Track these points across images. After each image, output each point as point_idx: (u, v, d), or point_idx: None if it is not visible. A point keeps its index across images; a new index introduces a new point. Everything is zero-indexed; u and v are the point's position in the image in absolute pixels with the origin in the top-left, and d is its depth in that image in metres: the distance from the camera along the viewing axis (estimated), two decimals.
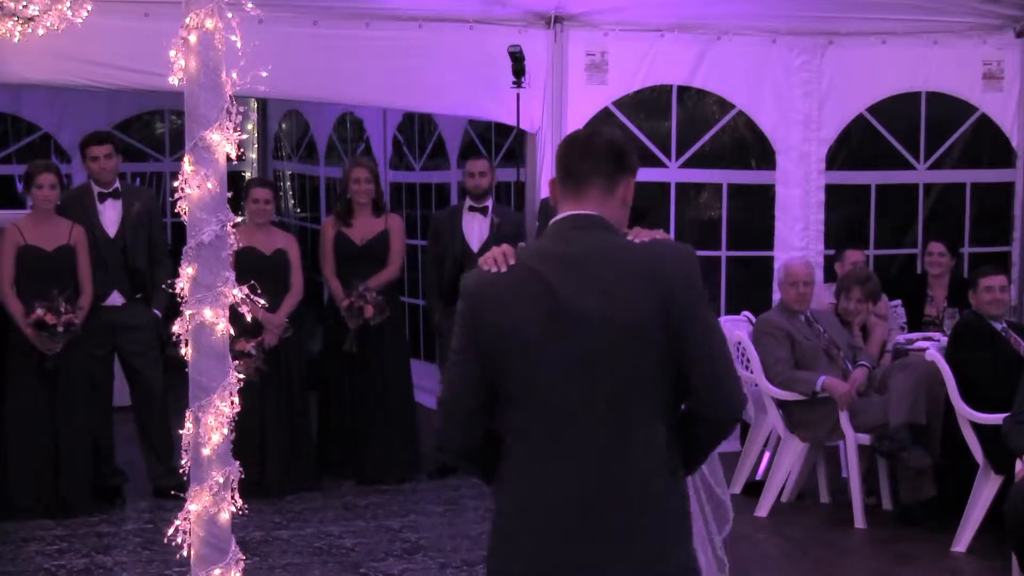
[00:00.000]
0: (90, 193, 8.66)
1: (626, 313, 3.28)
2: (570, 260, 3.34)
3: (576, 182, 3.44)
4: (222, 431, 4.25)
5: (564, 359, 3.29)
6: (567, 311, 3.28)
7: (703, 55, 9.78)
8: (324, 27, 8.98)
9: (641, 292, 3.30)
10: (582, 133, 3.55)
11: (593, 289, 3.29)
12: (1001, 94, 10.10)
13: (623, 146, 3.50)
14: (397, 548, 7.68)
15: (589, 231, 3.39)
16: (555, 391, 3.30)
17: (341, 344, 8.97)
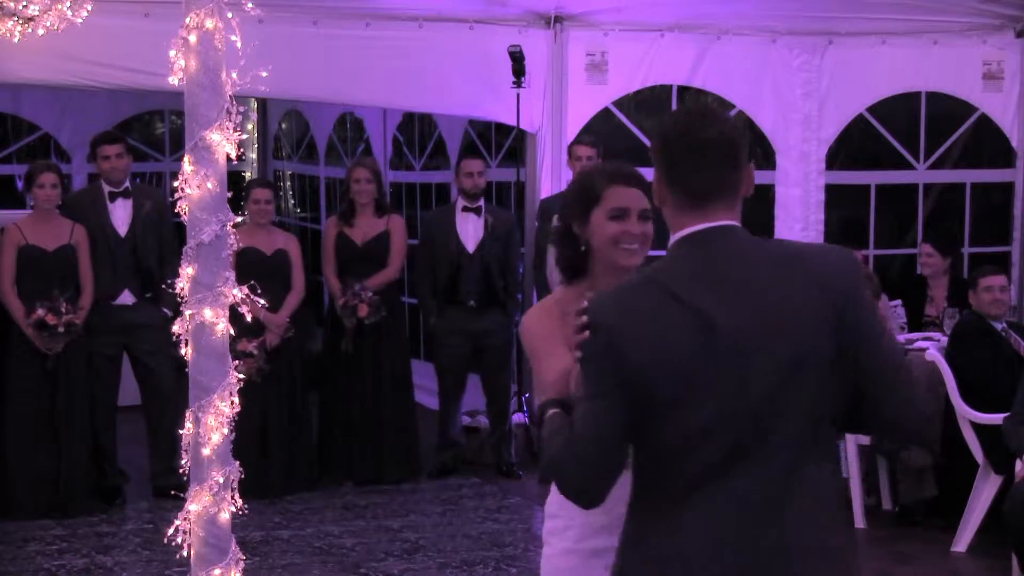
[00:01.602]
0: (100, 192, 8.67)
1: (795, 335, 2.91)
2: (719, 281, 2.92)
3: (698, 197, 3.00)
4: (222, 431, 4.25)
5: (730, 394, 2.88)
6: (728, 340, 2.87)
7: (703, 55, 9.78)
8: (324, 27, 8.98)
9: (809, 308, 2.92)
10: (688, 135, 3.02)
11: (753, 312, 2.90)
12: (1001, 94, 10.10)
13: (735, 138, 3.07)
14: (397, 548, 7.68)
15: (730, 244, 2.99)
16: (722, 431, 2.89)
17: (339, 345, 8.97)
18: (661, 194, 3.06)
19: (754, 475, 2.90)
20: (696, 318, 2.88)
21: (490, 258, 9.22)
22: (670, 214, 3.04)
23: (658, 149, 3.05)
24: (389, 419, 9.08)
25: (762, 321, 2.89)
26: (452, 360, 9.36)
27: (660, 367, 2.87)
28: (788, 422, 2.91)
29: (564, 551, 3.73)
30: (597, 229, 3.67)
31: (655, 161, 3.06)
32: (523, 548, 7.69)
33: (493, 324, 9.22)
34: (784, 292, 2.93)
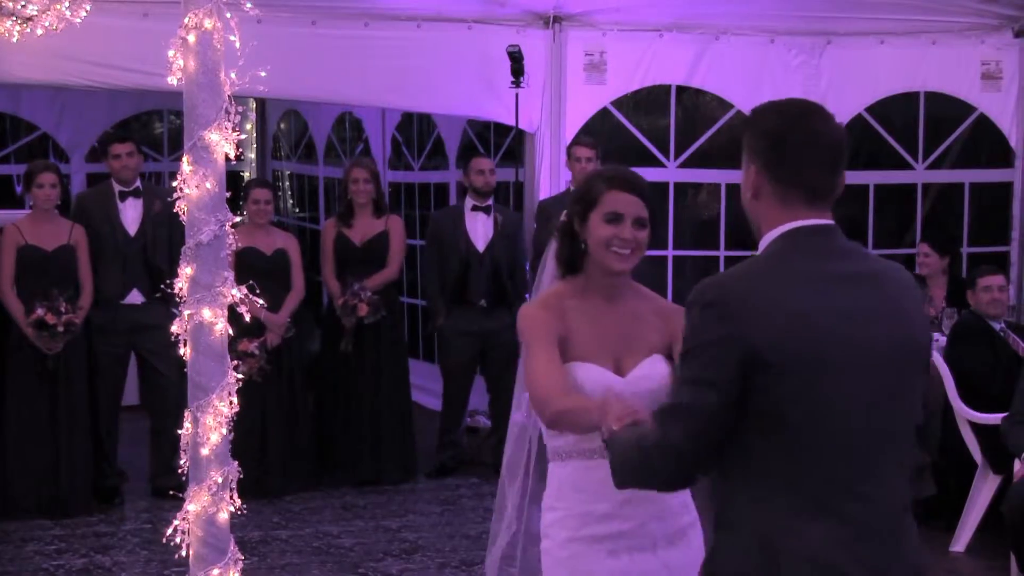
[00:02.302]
0: (111, 192, 8.67)
1: (915, 344, 2.96)
2: (847, 279, 2.93)
3: (812, 193, 2.98)
4: (221, 431, 4.26)
5: (853, 396, 2.86)
6: (854, 338, 2.86)
7: (701, 55, 9.77)
8: (323, 27, 8.97)
9: (917, 317, 3.02)
10: (810, 131, 3.00)
11: (879, 314, 2.92)
12: (1000, 94, 10.09)
13: (846, 139, 3.09)
14: (395, 548, 7.68)
15: (852, 246, 3.02)
16: (841, 434, 2.86)
17: (338, 345, 8.97)
18: (758, 186, 3.03)
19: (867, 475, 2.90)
20: (826, 314, 2.87)
21: (499, 257, 9.20)
22: (768, 208, 3.02)
23: (770, 142, 3.00)
24: (387, 419, 9.08)
25: (890, 327, 2.91)
26: (459, 360, 9.33)
27: (793, 360, 2.83)
28: (897, 429, 2.95)
29: (566, 540, 3.76)
30: (593, 230, 3.77)
31: (758, 153, 3.02)
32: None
33: (501, 324, 9.14)
34: (901, 301, 2.99)
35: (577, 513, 3.73)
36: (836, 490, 2.87)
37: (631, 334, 3.82)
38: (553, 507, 3.81)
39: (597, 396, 3.61)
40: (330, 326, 9.21)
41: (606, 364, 3.76)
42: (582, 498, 3.74)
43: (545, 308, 3.82)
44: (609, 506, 3.68)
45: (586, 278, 3.84)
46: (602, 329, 3.79)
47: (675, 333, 3.79)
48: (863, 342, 2.87)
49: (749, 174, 3.05)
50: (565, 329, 3.75)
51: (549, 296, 3.89)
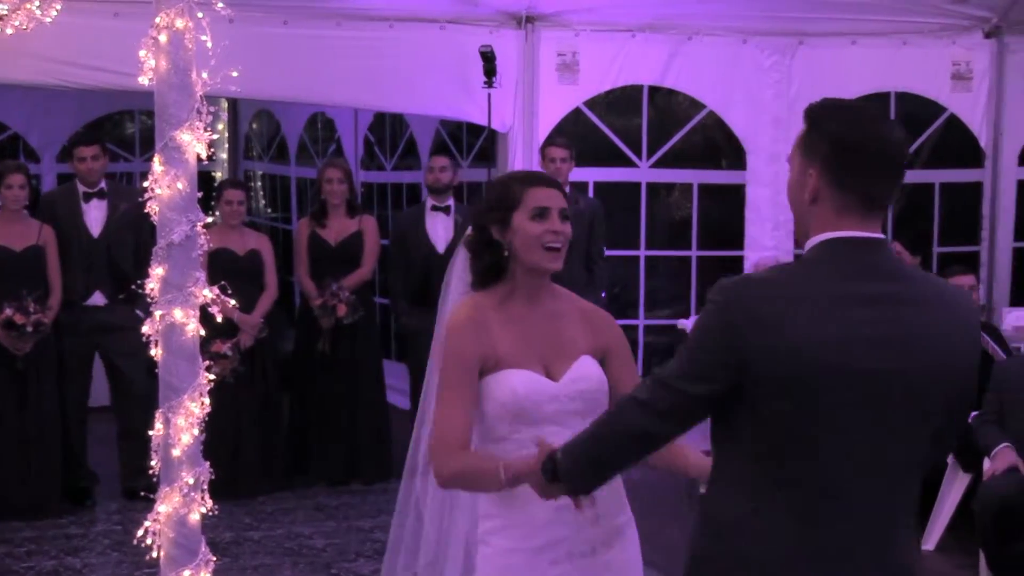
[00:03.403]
0: (75, 192, 8.63)
1: (938, 370, 2.89)
2: (874, 301, 2.87)
3: (871, 203, 2.93)
4: (192, 432, 4.24)
5: (866, 420, 2.85)
6: (859, 366, 2.82)
7: (674, 55, 9.78)
8: (295, 27, 8.95)
9: (959, 343, 2.95)
10: (878, 139, 2.94)
11: (903, 340, 2.86)
12: (970, 94, 10.14)
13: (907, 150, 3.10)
14: (368, 548, 7.67)
15: (892, 265, 2.95)
16: (853, 445, 2.86)
17: (313, 345, 8.97)
18: (815, 191, 2.95)
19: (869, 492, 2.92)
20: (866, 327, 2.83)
21: None
22: (822, 213, 2.95)
23: (838, 147, 2.92)
24: (363, 420, 9.08)
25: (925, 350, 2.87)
26: (425, 360, 9.31)
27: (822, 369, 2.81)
28: (909, 445, 2.94)
29: (506, 550, 3.68)
30: (519, 231, 3.68)
31: (821, 156, 2.94)
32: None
33: None
34: (946, 325, 2.92)
35: (519, 521, 3.64)
36: (819, 504, 2.88)
37: (557, 336, 3.74)
38: (492, 514, 3.72)
39: (529, 401, 3.61)
40: (305, 326, 9.20)
41: (536, 369, 3.68)
42: (520, 506, 3.63)
43: (468, 330, 3.69)
44: (547, 513, 3.59)
45: (510, 285, 3.75)
46: (528, 334, 3.71)
47: (606, 340, 3.81)
48: (869, 366, 2.83)
49: (807, 176, 2.97)
50: (490, 344, 3.66)
51: (470, 312, 3.73)
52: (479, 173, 10.21)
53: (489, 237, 3.74)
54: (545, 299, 3.79)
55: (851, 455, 2.86)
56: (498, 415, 3.64)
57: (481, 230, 3.77)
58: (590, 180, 9.72)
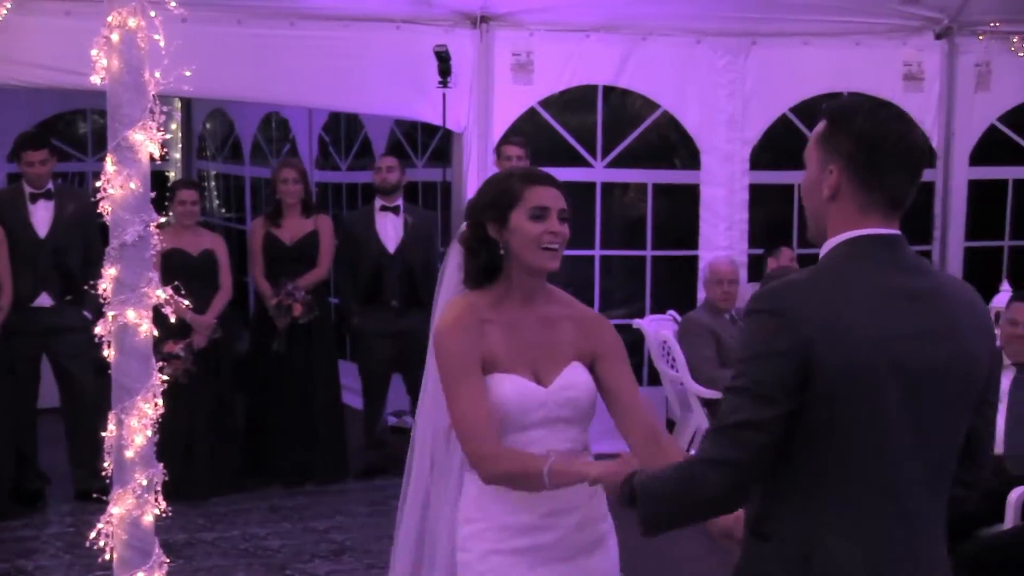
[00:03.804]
0: (21, 193, 8.56)
1: (970, 363, 2.92)
2: (909, 295, 2.88)
3: (895, 202, 2.95)
4: (145, 433, 4.22)
5: (913, 418, 2.84)
6: (910, 358, 2.83)
7: (628, 55, 9.81)
8: (249, 26, 8.92)
9: (976, 336, 2.96)
10: (905, 140, 2.94)
11: (938, 333, 2.88)
12: (921, 95, 10.21)
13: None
14: (323, 549, 7.66)
15: (917, 260, 2.98)
16: (900, 455, 2.85)
17: (269, 345, 8.94)
18: (838, 188, 2.94)
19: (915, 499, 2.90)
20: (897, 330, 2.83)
21: (412, 258, 9.22)
22: (843, 211, 2.95)
23: (863, 145, 2.91)
24: (318, 420, 9.06)
25: (950, 347, 2.88)
26: (376, 361, 9.35)
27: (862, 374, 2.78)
28: (943, 458, 2.92)
29: (487, 552, 3.64)
30: (517, 230, 3.62)
31: (845, 155, 2.93)
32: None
33: (416, 324, 9.18)
34: (966, 322, 2.93)
35: (498, 525, 3.62)
36: (882, 507, 2.85)
37: (548, 341, 3.69)
38: (472, 519, 3.68)
39: (518, 408, 3.57)
40: (260, 326, 9.17)
41: (525, 374, 3.63)
42: (503, 509, 3.61)
43: (464, 331, 3.62)
44: (531, 518, 3.58)
45: (505, 285, 3.69)
46: (520, 338, 3.66)
47: (596, 344, 3.75)
48: (918, 362, 2.83)
49: (828, 174, 2.95)
50: (485, 347, 3.61)
51: (462, 313, 3.66)
52: (434, 173, 10.20)
53: (485, 235, 3.68)
54: (539, 301, 3.74)
55: (903, 453, 2.85)
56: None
57: (477, 227, 3.70)
58: None
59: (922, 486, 2.89)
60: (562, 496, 3.56)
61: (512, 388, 3.59)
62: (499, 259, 3.67)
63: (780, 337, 2.80)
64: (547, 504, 3.54)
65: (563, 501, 3.58)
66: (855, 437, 2.81)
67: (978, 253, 10.58)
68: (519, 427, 3.59)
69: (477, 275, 3.71)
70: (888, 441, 2.83)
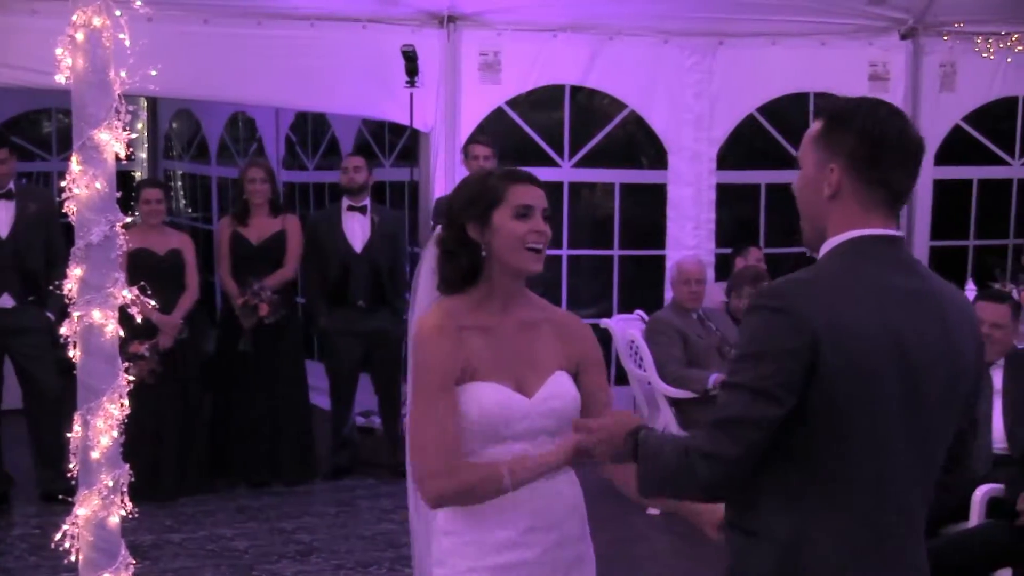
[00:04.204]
0: None
1: (961, 364, 2.93)
2: (910, 296, 2.90)
3: (896, 199, 2.96)
4: (111, 434, 4.20)
5: (911, 418, 2.86)
6: (910, 359, 2.84)
7: (596, 55, 9.83)
8: (215, 26, 8.89)
9: (969, 341, 2.98)
10: (904, 136, 2.96)
11: (935, 334, 2.90)
12: (887, 95, 10.23)
13: None
14: (291, 550, 7.64)
15: (913, 261, 3.01)
16: (896, 454, 2.86)
17: (235, 345, 8.91)
18: (840, 186, 2.96)
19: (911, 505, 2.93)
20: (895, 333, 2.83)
21: (379, 258, 9.22)
22: (844, 209, 2.97)
23: (866, 143, 2.92)
24: (285, 420, 9.04)
25: (943, 348, 2.89)
26: (343, 360, 9.33)
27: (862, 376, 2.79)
28: (936, 458, 2.95)
29: (466, 570, 3.48)
30: (501, 230, 3.46)
31: (846, 153, 2.95)
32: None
33: (383, 324, 9.22)
34: (957, 323, 2.94)
35: (475, 540, 3.46)
36: (874, 506, 2.86)
37: (530, 349, 3.52)
38: (448, 531, 3.52)
39: (500, 418, 3.42)
40: (226, 326, 9.14)
41: (508, 383, 3.46)
42: (483, 524, 3.46)
43: (442, 340, 3.42)
44: (511, 533, 3.44)
45: (485, 289, 3.50)
46: (501, 345, 3.49)
47: (579, 350, 3.60)
48: (916, 364, 2.84)
49: (827, 172, 2.98)
50: (465, 356, 3.43)
51: (443, 319, 3.46)
52: (402, 173, 10.19)
53: (465, 236, 3.48)
54: (519, 307, 3.56)
55: (898, 453, 2.86)
56: (466, 430, 3.42)
57: (456, 228, 3.51)
58: None
59: (914, 485, 2.91)
60: (541, 513, 3.46)
61: (494, 398, 3.43)
62: (480, 262, 3.49)
63: (786, 335, 2.79)
64: (526, 519, 3.42)
65: (542, 518, 3.47)
66: (852, 436, 2.81)
67: (943, 252, 10.63)
68: (498, 438, 3.43)
69: (456, 279, 3.52)
70: (885, 441, 2.83)
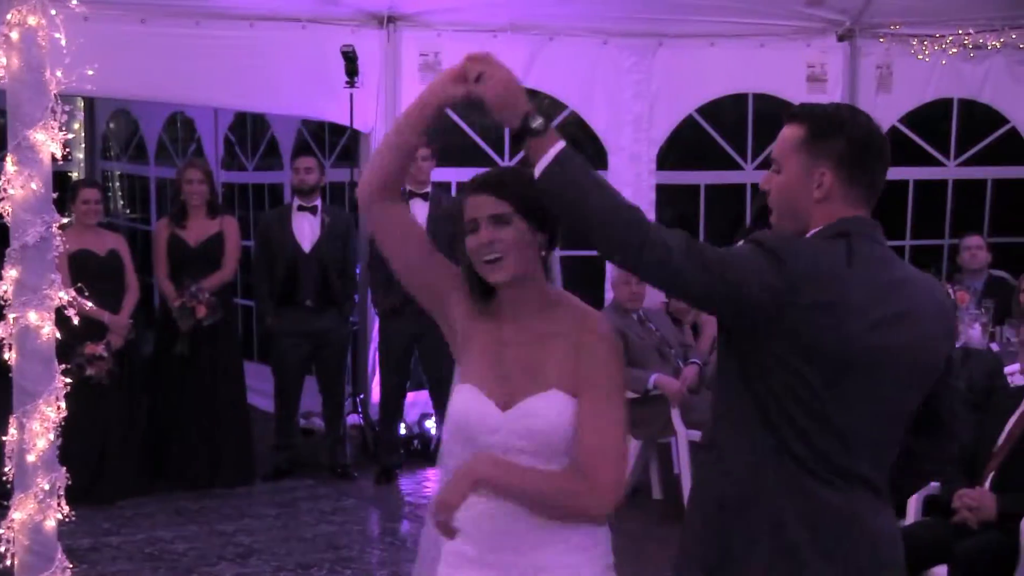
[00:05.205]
0: None
1: (931, 347, 3.11)
2: (892, 279, 3.09)
3: (874, 193, 3.15)
4: (48, 437, 4.17)
5: (872, 391, 3.03)
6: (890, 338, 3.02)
7: (536, 56, 9.85)
8: (153, 25, 8.83)
9: (939, 327, 3.15)
10: (876, 135, 3.17)
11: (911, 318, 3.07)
12: (825, 96, 10.33)
13: None
14: (230, 552, 7.60)
15: (888, 248, 3.16)
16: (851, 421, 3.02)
17: (173, 347, 8.85)
18: (828, 187, 3.11)
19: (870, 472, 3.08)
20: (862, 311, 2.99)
21: (327, 258, 9.19)
22: (829, 207, 3.11)
23: (852, 147, 3.11)
24: (223, 422, 8.99)
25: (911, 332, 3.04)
26: (289, 361, 9.30)
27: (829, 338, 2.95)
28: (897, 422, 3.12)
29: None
30: (467, 247, 3.31)
31: (835, 157, 3.12)
32: (358, 550, 7.68)
33: (330, 324, 9.20)
34: (929, 311, 3.11)
35: (451, 549, 3.27)
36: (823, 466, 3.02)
37: (532, 362, 3.26)
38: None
39: (467, 425, 3.24)
40: (164, 328, 9.08)
41: (489, 391, 3.24)
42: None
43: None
44: (473, 551, 3.24)
45: (498, 299, 3.35)
46: (500, 353, 3.28)
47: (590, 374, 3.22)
48: (886, 341, 3.00)
49: (818, 176, 3.13)
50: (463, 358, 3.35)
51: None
52: (342, 173, 10.17)
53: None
54: (533, 317, 3.32)
55: (854, 420, 3.01)
56: (448, 432, 3.33)
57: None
58: (453, 180, 9.74)
59: (869, 456, 3.06)
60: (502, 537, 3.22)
61: (464, 400, 3.27)
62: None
63: (769, 272, 2.93)
64: (489, 538, 3.20)
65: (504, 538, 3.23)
66: (811, 390, 2.98)
67: None
68: (477, 446, 3.23)
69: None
70: (842, 406, 2.99)
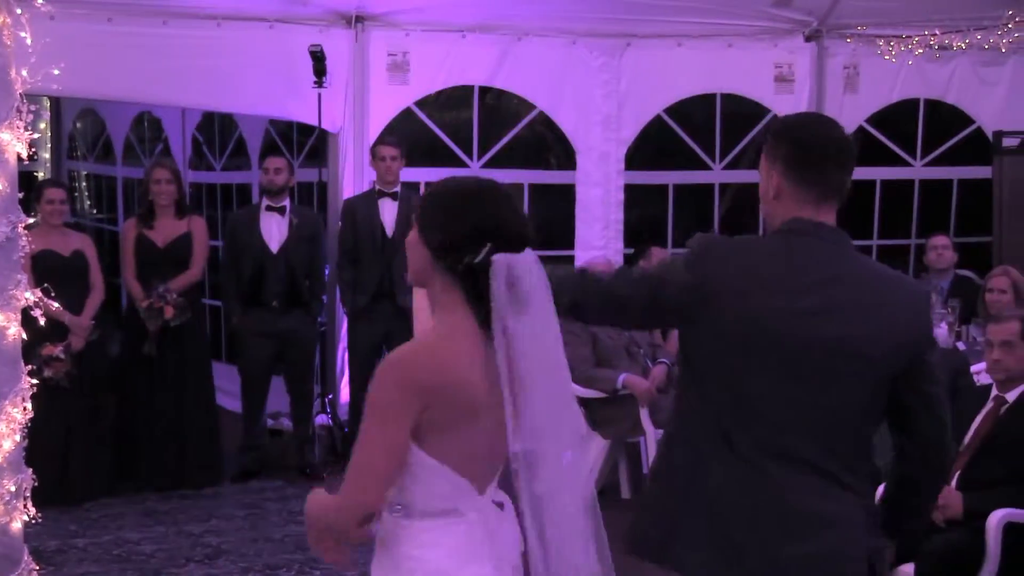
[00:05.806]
0: None
1: (864, 344, 3.24)
2: (822, 277, 3.28)
3: (825, 192, 3.34)
4: (14, 438, 4.16)
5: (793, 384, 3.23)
6: (808, 333, 3.22)
7: (504, 56, 9.86)
8: (119, 24, 8.80)
9: (888, 325, 3.27)
10: (835, 135, 3.38)
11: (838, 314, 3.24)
12: (792, 96, 10.39)
13: (852, 144, 3.46)
14: (198, 553, 7.57)
15: (836, 245, 3.33)
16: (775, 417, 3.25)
17: (140, 347, 8.82)
18: (779, 189, 3.36)
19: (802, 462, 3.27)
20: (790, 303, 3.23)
21: (294, 259, 9.17)
22: (784, 206, 3.36)
23: (794, 149, 3.35)
24: (191, 423, 8.96)
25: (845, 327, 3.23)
26: (256, 361, 9.27)
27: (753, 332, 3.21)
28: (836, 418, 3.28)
29: None
30: None
31: (778, 160, 3.36)
32: None
33: (297, 325, 9.18)
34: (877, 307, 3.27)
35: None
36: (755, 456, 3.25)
37: None
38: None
39: None
40: (132, 329, 9.04)
41: None
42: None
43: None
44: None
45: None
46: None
47: None
48: (803, 335, 3.21)
49: (771, 176, 3.38)
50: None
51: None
52: (310, 173, 10.15)
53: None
54: None
55: (778, 416, 3.24)
56: None
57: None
58: (421, 180, 9.73)
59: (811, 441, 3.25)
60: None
61: None
62: None
63: (683, 271, 3.29)
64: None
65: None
66: (737, 377, 3.24)
67: None
68: None
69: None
70: (767, 391, 3.23)
